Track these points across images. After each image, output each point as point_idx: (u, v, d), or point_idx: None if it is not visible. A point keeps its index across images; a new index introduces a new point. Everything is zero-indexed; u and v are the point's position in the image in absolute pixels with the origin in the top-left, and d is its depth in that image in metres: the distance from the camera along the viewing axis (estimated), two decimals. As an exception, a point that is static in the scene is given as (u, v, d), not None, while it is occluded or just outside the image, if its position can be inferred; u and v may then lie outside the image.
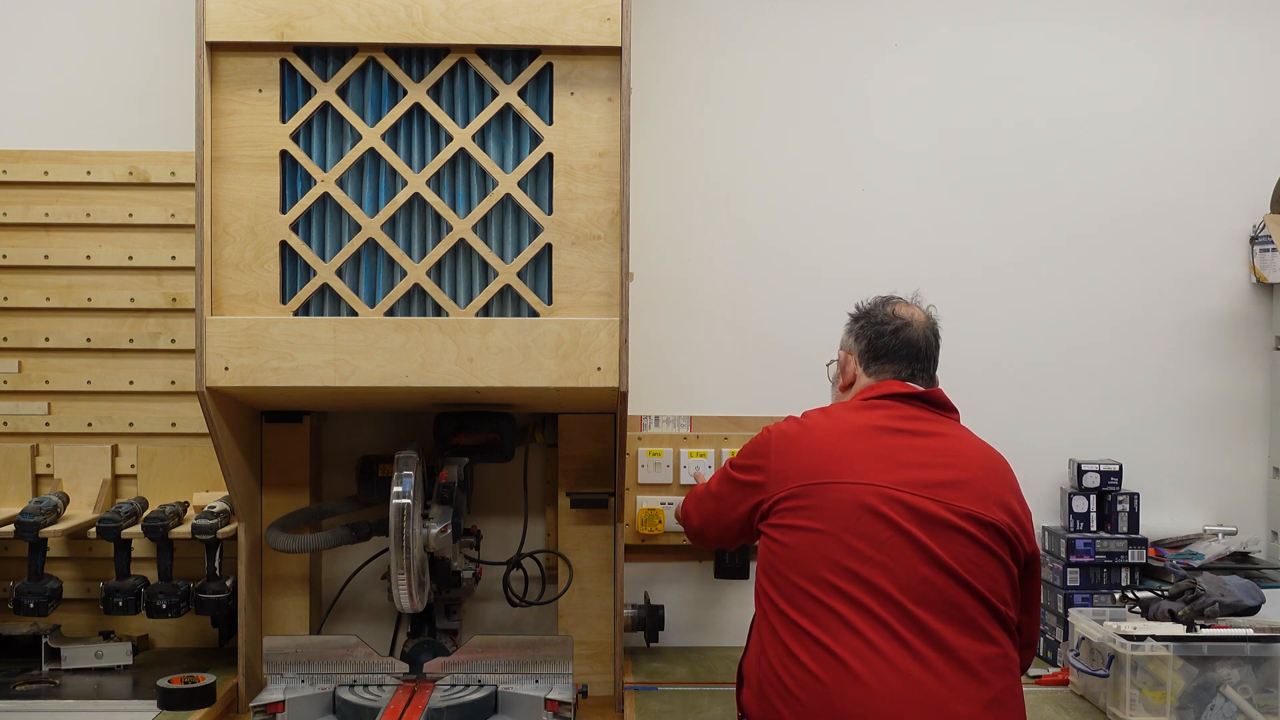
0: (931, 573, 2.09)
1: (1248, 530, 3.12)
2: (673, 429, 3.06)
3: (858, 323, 2.42)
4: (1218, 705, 2.48)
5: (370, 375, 2.45)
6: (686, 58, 3.08)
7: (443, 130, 2.48)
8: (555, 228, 2.49)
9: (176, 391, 2.93)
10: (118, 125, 2.96)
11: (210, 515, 2.70)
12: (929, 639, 2.05)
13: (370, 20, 2.44)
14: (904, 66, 3.11)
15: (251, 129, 2.47)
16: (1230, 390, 3.16)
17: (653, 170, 3.04)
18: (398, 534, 2.47)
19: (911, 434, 2.24)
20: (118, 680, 2.73)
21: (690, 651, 3.03)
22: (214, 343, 2.44)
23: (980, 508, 2.16)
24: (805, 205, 3.09)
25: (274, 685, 2.56)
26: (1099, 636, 2.59)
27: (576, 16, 2.45)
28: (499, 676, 2.58)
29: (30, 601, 2.66)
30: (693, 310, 3.08)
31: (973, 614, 2.09)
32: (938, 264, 3.08)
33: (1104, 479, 3.03)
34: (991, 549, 2.14)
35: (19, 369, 2.93)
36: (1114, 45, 3.14)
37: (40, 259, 2.92)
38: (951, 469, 2.19)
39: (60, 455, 2.93)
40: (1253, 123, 3.14)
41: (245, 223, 2.47)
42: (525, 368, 2.46)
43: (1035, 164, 3.13)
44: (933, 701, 2.02)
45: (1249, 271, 3.15)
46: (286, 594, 2.83)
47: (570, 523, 2.86)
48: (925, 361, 2.37)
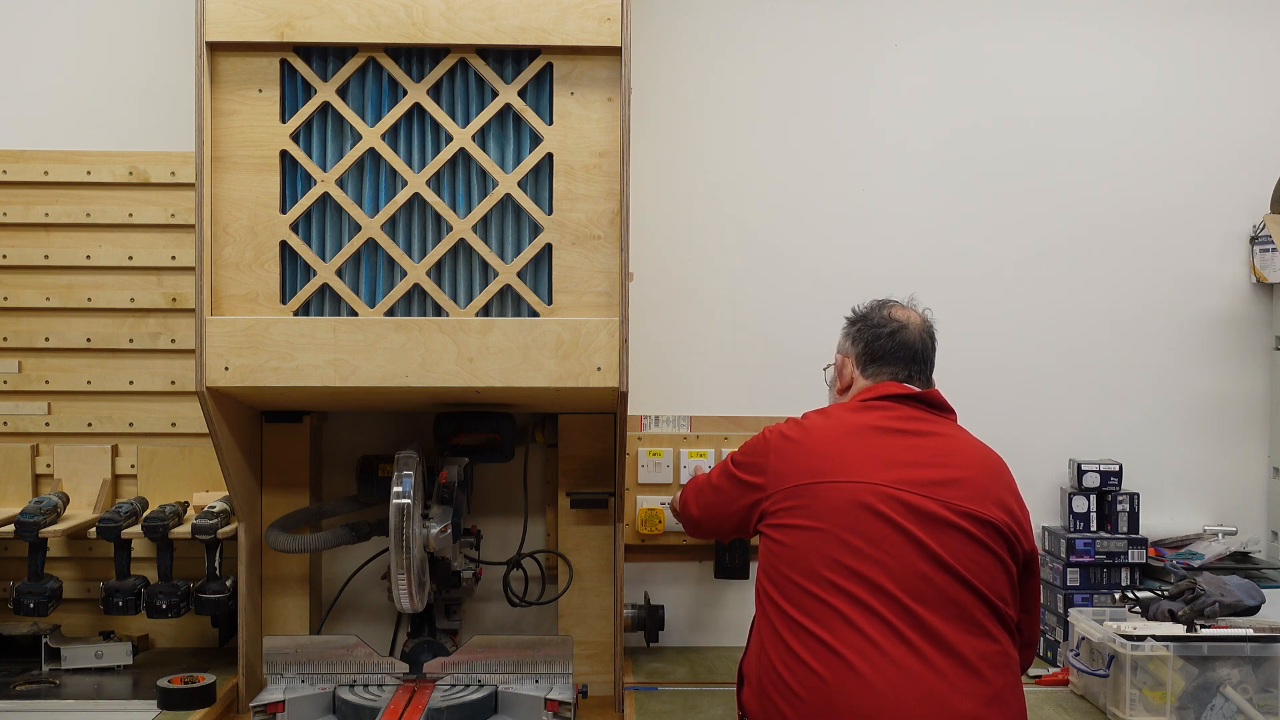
0: (931, 570, 2.09)
1: (1248, 530, 3.12)
2: (673, 429, 3.06)
3: (854, 326, 2.44)
4: (1218, 705, 2.48)
5: (370, 375, 2.45)
6: (686, 58, 3.08)
7: (443, 130, 2.48)
8: (555, 228, 2.48)
9: (176, 391, 2.93)
10: (118, 125, 2.96)
11: (210, 515, 2.70)
12: (929, 636, 2.06)
13: (370, 20, 2.44)
14: (904, 66, 3.11)
15: (251, 129, 2.47)
16: (1230, 390, 3.16)
17: (653, 170, 3.04)
18: (398, 534, 2.47)
19: (909, 434, 2.25)
20: (118, 680, 2.73)
21: (690, 651, 3.03)
22: (214, 343, 2.44)
23: (978, 506, 2.16)
24: (805, 205, 3.09)
25: (274, 685, 2.56)
26: (1099, 636, 2.59)
27: (576, 16, 2.45)
28: (499, 676, 2.58)
29: (30, 601, 2.66)
30: (693, 310, 3.08)
31: (972, 611, 2.10)
32: (938, 264, 3.08)
33: (1104, 479, 3.03)
34: (990, 547, 2.15)
35: (19, 369, 2.93)
36: (1114, 45, 3.14)
37: (40, 259, 2.92)
38: (949, 468, 2.20)
39: (60, 455, 2.93)
40: (1253, 123, 3.14)
41: (245, 223, 2.47)
42: (525, 368, 2.46)
43: (1035, 164, 3.13)
44: (934, 698, 2.02)
45: (1249, 271, 3.15)
46: (286, 594, 2.83)
47: (570, 523, 2.86)
48: (922, 363, 2.38)
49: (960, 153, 3.12)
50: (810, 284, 3.07)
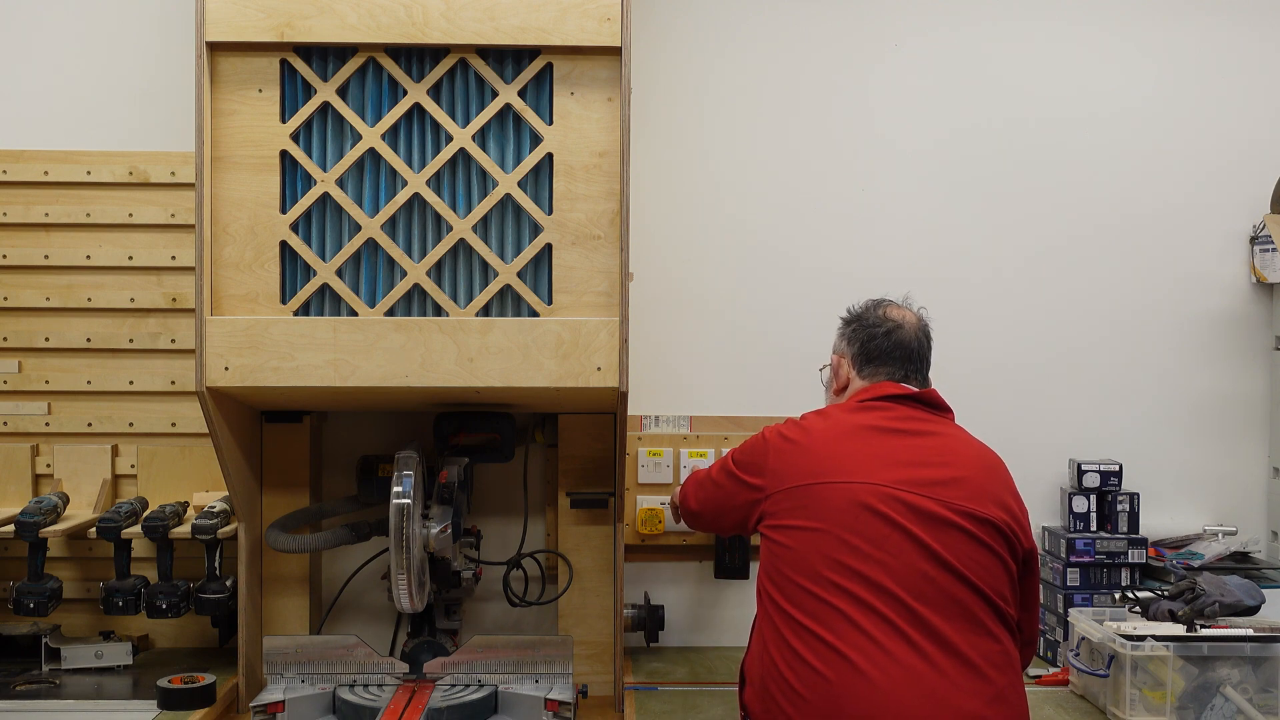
0: (932, 569, 2.09)
1: (1248, 530, 3.12)
2: (673, 429, 3.06)
3: (849, 326, 2.43)
4: (1218, 705, 2.48)
5: (370, 375, 2.45)
6: (686, 58, 3.08)
7: (443, 130, 2.48)
8: (555, 228, 2.48)
9: (176, 391, 2.93)
10: (118, 125, 2.96)
11: (210, 515, 2.70)
12: (931, 635, 2.06)
13: (370, 20, 2.44)
14: (904, 66, 3.11)
15: (251, 129, 2.47)
16: (1230, 390, 3.16)
17: (653, 170, 3.04)
18: (398, 534, 2.47)
19: (908, 434, 2.25)
20: (118, 680, 2.73)
21: (690, 651, 3.03)
22: (214, 343, 2.44)
23: (978, 505, 2.16)
24: (805, 205, 3.09)
25: (274, 685, 2.56)
26: (1099, 636, 2.59)
27: (576, 16, 2.45)
28: (499, 676, 2.58)
29: (30, 601, 2.66)
30: (693, 310, 3.08)
31: (974, 610, 2.10)
32: (938, 264, 3.08)
33: (1104, 479, 3.03)
34: (990, 546, 2.15)
35: (19, 369, 2.93)
36: (1114, 45, 3.14)
37: (40, 259, 2.92)
38: (948, 467, 2.20)
39: (60, 455, 2.93)
40: (1253, 123, 3.14)
41: (245, 223, 2.47)
42: (525, 368, 2.46)
43: (1035, 164, 3.13)
44: (937, 697, 2.02)
45: (1249, 271, 3.15)
46: (286, 594, 2.82)
47: (570, 523, 2.86)
48: (918, 363, 2.38)
49: (960, 152, 3.12)
50: (810, 284, 3.07)
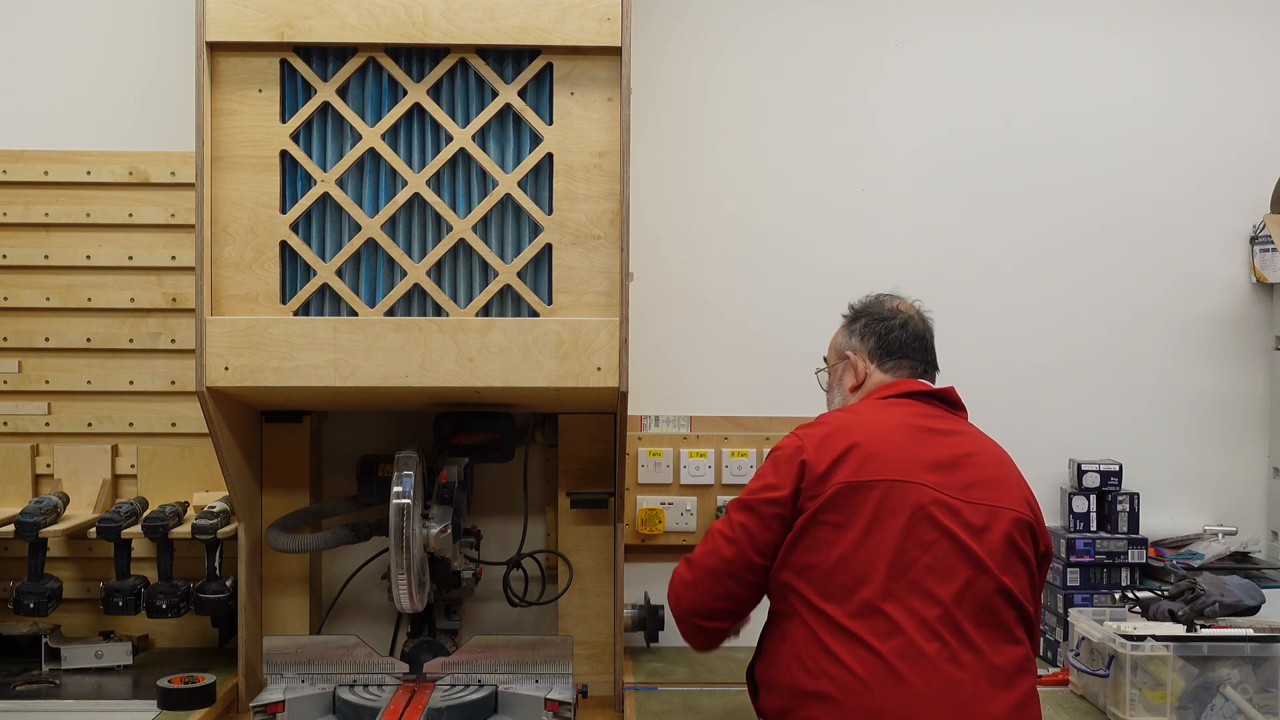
0: (973, 575, 2.06)
1: (1248, 530, 3.12)
2: (673, 429, 3.06)
3: (858, 321, 2.38)
4: (1218, 705, 2.48)
5: (370, 375, 2.45)
6: (686, 58, 3.08)
7: (443, 130, 2.48)
8: (555, 228, 2.48)
9: (176, 391, 2.93)
10: (118, 125, 2.96)
11: (210, 515, 2.70)
12: (967, 643, 2.03)
13: (370, 20, 2.44)
14: (904, 66, 3.11)
15: (251, 129, 2.47)
16: (1230, 390, 3.16)
17: (653, 170, 3.04)
18: (398, 534, 2.47)
19: (939, 433, 2.20)
20: (118, 680, 2.73)
21: (690, 651, 3.00)
22: (214, 343, 2.44)
23: (1009, 504, 2.13)
24: (805, 205, 3.09)
25: (274, 685, 2.56)
26: (1099, 636, 2.59)
27: (576, 16, 2.45)
28: (499, 676, 2.58)
29: (30, 601, 2.66)
30: (693, 310, 3.08)
31: (1004, 616, 2.08)
32: (938, 263, 3.08)
33: (1104, 479, 3.03)
34: (1020, 547, 2.12)
35: (19, 369, 2.93)
36: (1114, 45, 3.14)
37: (40, 259, 2.92)
38: (977, 469, 2.16)
39: (60, 455, 2.93)
40: (1253, 123, 3.14)
41: (245, 223, 2.47)
42: (525, 368, 2.46)
43: (1035, 164, 3.13)
44: (970, 705, 2.00)
45: (1249, 271, 3.15)
46: (286, 594, 2.82)
47: (570, 523, 2.86)
48: (931, 355, 2.35)
49: (960, 153, 3.12)
50: (810, 284, 3.07)
